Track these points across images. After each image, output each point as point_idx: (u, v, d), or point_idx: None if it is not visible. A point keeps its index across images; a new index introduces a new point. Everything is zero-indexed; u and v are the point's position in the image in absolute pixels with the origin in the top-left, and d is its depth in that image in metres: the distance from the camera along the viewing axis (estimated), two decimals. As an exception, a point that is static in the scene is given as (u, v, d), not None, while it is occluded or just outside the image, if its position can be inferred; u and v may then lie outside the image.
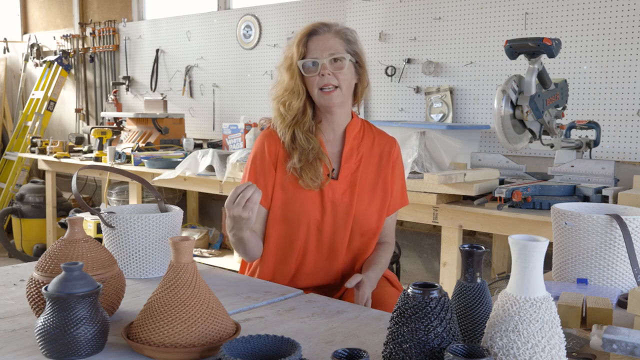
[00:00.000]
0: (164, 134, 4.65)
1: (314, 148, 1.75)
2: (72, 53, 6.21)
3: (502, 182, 2.63)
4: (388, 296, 1.78)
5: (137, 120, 4.83)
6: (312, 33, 1.75)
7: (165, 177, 3.67)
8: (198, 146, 4.56)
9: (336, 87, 1.73)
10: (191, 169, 3.60)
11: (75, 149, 4.99)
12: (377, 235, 1.86)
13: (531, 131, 2.48)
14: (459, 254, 1.46)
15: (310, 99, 1.78)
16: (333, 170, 1.81)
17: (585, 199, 2.40)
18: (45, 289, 1.11)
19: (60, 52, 6.17)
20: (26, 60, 6.76)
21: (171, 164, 3.83)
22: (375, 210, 1.82)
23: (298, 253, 1.80)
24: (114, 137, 4.78)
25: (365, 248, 1.84)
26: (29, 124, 6.00)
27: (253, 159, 1.82)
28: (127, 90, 5.71)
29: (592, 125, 2.75)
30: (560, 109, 2.60)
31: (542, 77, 2.41)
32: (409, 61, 3.82)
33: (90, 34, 6.01)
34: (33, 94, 6.22)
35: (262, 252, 1.82)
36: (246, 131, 4.01)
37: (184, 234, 4.36)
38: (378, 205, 1.82)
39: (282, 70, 1.78)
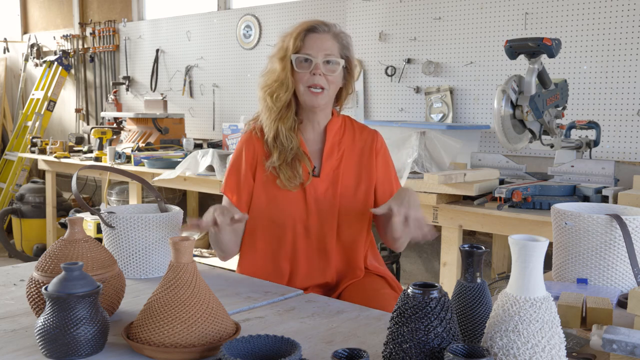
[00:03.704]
0: (164, 134, 4.65)
1: (293, 148, 1.78)
2: (72, 53, 6.21)
3: (502, 182, 2.63)
4: (385, 298, 1.78)
5: (137, 120, 4.83)
6: (311, 30, 1.77)
7: (165, 177, 3.67)
8: (198, 146, 4.56)
9: (324, 88, 1.75)
10: (191, 169, 3.60)
11: (75, 149, 4.99)
12: (365, 228, 1.86)
13: (531, 131, 2.48)
14: (459, 254, 1.46)
15: (295, 96, 1.80)
16: (314, 168, 1.82)
17: (585, 199, 2.40)
18: (45, 289, 1.11)
19: (60, 52, 6.17)
20: (26, 60, 6.76)
21: (171, 164, 3.83)
22: (359, 204, 1.83)
23: (289, 254, 1.81)
24: (114, 137, 4.78)
25: (355, 242, 1.84)
26: (29, 124, 6.00)
27: (232, 167, 1.87)
28: (127, 90, 5.71)
29: (592, 125, 2.75)
30: (560, 109, 2.60)
31: (542, 77, 2.41)
32: (409, 61, 3.82)
33: (90, 34, 6.01)
34: (33, 94, 6.22)
35: (256, 257, 1.83)
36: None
37: (184, 234, 4.36)
38: (362, 198, 1.83)
39: (275, 60, 1.80)
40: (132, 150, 4.28)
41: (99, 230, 4.30)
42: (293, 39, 1.75)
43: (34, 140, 5.13)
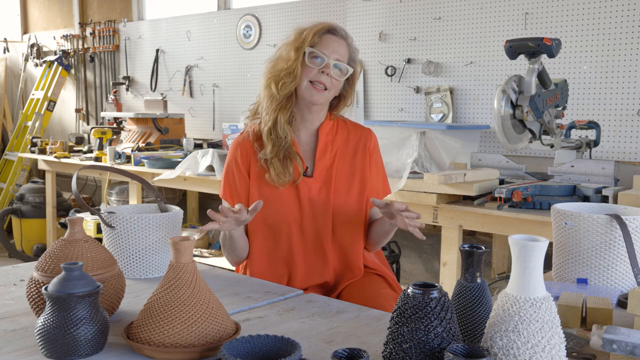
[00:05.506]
0: (164, 134, 4.65)
1: (287, 142, 1.78)
2: (72, 53, 6.21)
3: (502, 182, 2.63)
4: (385, 298, 1.78)
5: (137, 120, 4.83)
6: (331, 31, 1.79)
7: (165, 177, 3.67)
8: (198, 146, 4.56)
9: (326, 89, 1.77)
10: (191, 169, 3.60)
11: (75, 149, 4.99)
12: (361, 226, 1.86)
13: (531, 131, 2.48)
14: (459, 254, 1.46)
15: (295, 91, 1.80)
16: (307, 168, 1.83)
17: (585, 199, 2.40)
18: (45, 289, 1.11)
19: (60, 52, 6.17)
20: (26, 60, 6.76)
21: (171, 164, 3.83)
22: (353, 202, 1.83)
23: (286, 256, 1.81)
24: (114, 137, 4.78)
25: (352, 241, 1.84)
26: (29, 124, 6.00)
27: (226, 171, 1.87)
28: (127, 90, 5.71)
29: (592, 125, 2.75)
30: (560, 109, 2.60)
31: (542, 77, 2.41)
32: (409, 61, 3.82)
33: (90, 34, 6.01)
34: (33, 94, 6.22)
35: (252, 259, 1.84)
36: (246, 131, 4.01)
37: (184, 234, 4.36)
38: (356, 196, 1.84)
39: (291, 47, 1.79)
40: (132, 150, 4.28)
41: (99, 230, 4.30)
42: (312, 33, 1.77)
43: (34, 140, 5.13)
